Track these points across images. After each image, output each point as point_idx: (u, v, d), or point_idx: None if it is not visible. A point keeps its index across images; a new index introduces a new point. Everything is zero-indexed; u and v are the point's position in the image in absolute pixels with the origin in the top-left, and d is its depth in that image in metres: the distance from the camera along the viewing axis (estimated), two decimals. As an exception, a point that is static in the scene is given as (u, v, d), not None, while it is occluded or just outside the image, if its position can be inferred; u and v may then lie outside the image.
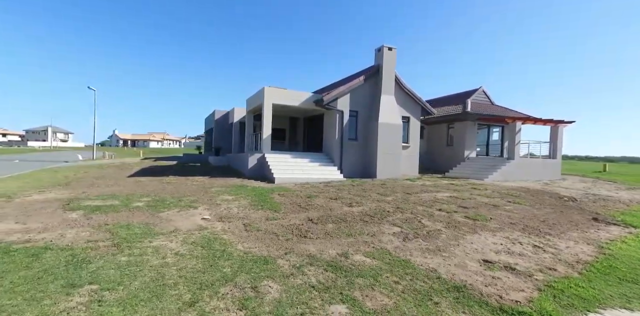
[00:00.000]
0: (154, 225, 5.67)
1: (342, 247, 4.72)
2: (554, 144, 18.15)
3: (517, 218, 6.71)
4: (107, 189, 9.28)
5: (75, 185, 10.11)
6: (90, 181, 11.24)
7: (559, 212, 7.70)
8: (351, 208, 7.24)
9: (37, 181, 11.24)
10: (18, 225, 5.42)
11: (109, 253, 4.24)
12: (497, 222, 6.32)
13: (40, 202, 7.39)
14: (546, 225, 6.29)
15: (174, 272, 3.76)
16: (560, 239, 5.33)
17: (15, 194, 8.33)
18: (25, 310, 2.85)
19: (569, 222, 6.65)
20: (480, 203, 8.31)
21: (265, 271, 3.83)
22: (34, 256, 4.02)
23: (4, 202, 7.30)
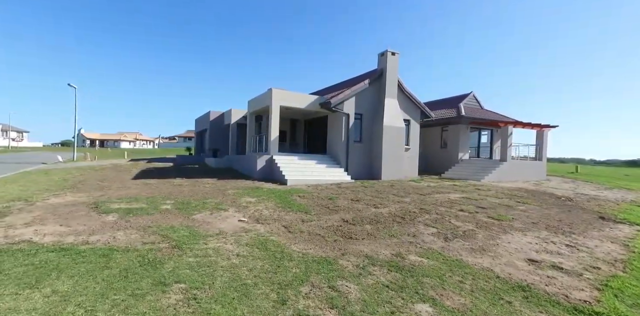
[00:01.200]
0: (196, 227, 5.64)
1: (392, 248, 4.88)
2: (539, 147, 19.16)
3: (536, 218, 7.13)
4: (121, 192, 9.01)
5: (84, 188, 9.74)
6: (95, 184, 10.84)
7: (566, 211, 8.22)
8: (377, 210, 7.43)
9: (35, 184, 10.71)
10: (63, 227, 5.33)
11: (174, 254, 4.28)
12: (520, 222, 6.68)
13: (64, 205, 7.16)
14: (565, 224, 6.71)
15: (246, 272, 3.82)
16: (585, 238, 5.72)
17: (30, 197, 8.02)
18: (138, 305, 2.99)
19: (581, 221, 7.13)
20: (494, 203, 8.73)
21: (334, 272, 3.94)
22: (106, 257, 4.08)
23: (28, 205, 7.05)
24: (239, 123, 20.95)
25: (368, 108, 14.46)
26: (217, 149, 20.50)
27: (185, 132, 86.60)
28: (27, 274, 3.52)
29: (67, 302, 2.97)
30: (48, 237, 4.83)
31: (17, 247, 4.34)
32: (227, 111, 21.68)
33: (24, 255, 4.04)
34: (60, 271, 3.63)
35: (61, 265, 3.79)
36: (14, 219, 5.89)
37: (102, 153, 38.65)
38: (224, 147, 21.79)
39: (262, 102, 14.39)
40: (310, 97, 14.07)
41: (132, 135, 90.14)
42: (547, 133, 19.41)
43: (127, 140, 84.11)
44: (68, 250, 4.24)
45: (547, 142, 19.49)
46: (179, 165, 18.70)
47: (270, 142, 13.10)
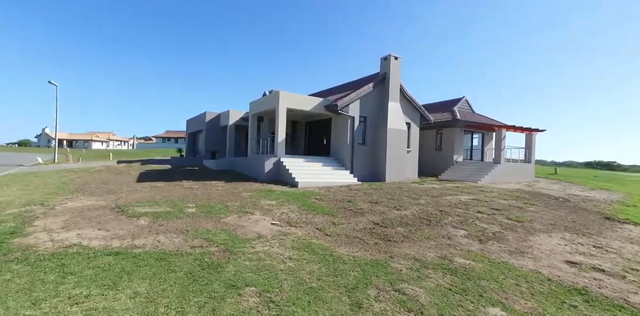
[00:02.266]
0: (232, 230, 5.59)
1: (434, 250, 4.99)
2: (529, 150, 19.96)
3: (550, 219, 7.44)
4: (135, 195, 8.74)
5: (93, 191, 9.39)
6: (101, 187, 10.45)
7: (572, 212, 8.63)
8: (400, 212, 7.55)
9: (34, 187, 10.21)
10: (103, 231, 5.23)
11: (229, 258, 4.27)
12: (539, 223, 6.97)
13: (87, 209, 6.95)
14: (579, 225, 7.04)
15: (308, 276, 3.84)
16: (605, 239, 6.02)
17: (45, 201, 7.71)
18: (222, 307, 3.04)
19: (591, 222, 7.50)
20: (504, 205, 9.05)
21: (391, 275, 4.00)
22: (164, 260, 4.08)
23: (49, 210, 6.82)
24: (237, 125, 20.71)
25: (371, 111, 14.65)
26: (215, 151, 20.15)
27: (164, 133, 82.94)
28: (100, 276, 3.56)
29: (155, 303, 3.02)
30: (94, 241, 4.77)
31: (72, 251, 4.32)
32: (225, 112, 21.37)
33: (84, 259, 4.04)
34: (128, 274, 3.65)
35: (126, 268, 3.81)
36: (46, 223, 5.73)
37: (78, 155, 37.09)
38: (220, 148, 21.46)
39: (267, 104, 14.30)
40: (315, 100, 14.11)
41: (104, 135, 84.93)
42: (535, 136, 20.26)
43: (100, 141, 78.86)
44: (124, 254, 4.24)
45: (536, 146, 20.33)
46: (177, 167, 18.25)
47: (278, 144, 13.04)
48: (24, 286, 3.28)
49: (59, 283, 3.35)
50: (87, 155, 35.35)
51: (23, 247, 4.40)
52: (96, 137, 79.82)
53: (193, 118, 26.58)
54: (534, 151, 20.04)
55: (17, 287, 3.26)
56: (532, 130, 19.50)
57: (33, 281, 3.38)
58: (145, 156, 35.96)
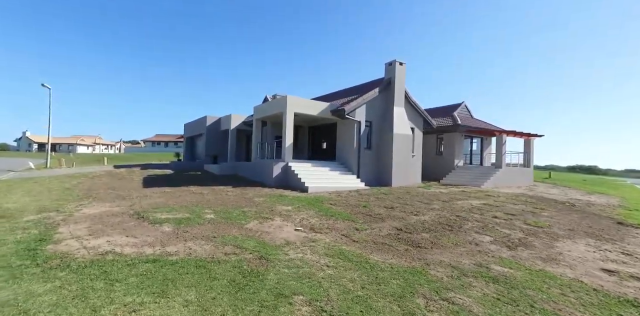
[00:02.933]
0: (258, 237, 5.49)
1: (468, 257, 4.92)
2: (527, 155, 20.25)
3: (567, 224, 7.49)
4: (148, 201, 8.55)
5: (104, 197, 9.15)
6: (110, 192, 10.20)
7: (584, 217, 8.71)
8: (419, 217, 7.52)
9: (38, 193, 9.91)
10: (131, 238, 5.10)
11: (266, 265, 4.19)
12: (558, 229, 6.99)
13: (106, 215, 6.79)
14: (597, 230, 7.08)
15: (350, 284, 3.78)
16: (629, 245, 6.03)
17: (59, 208, 7.51)
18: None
19: (607, 227, 7.56)
20: (516, 210, 9.09)
21: (434, 283, 3.92)
22: (203, 268, 4.00)
23: (67, 216, 6.64)
24: (239, 129, 20.55)
25: (377, 116, 14.70)
26: (217, 155, 19.92)
27: (154, 136, 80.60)
28: (145, 283, 3.50)
29: (210, 312, 2.97)
30: (126, 248, 4.66)
31: (109, 258, 4.23)
32: (226, 116, 21.19)
33: (124, 266, 3.96)
34: (172, 281, 3.59)
35: (168, 275, 3.73)
36: (70, 230, 5.58)
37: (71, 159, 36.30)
38: (221, 153, 21.24)
39: (274, 108, 14.23)
40: (322, 104, 14.10)
41: (90, 139, 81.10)
42: (533, 141, 20.57)
43: (85, 145, 75.45)
44: (161, 261, 4.15)
45: (534, 150, 20.61)
46: (179, 172, 17.95)
47: (285, 149, 12.95)
48: (77, 293, 3.25)
49: (109, 291, 3.30)
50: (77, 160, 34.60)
51: (59, 255, 4.32)
52: (81, 140, 75.83)
53: (192, 122, 26.29)
54: (532, 156, 20.35)
55: (72, 294, 3.22)
56: (531, 135, 19.80)
57: (84, 289, 3.34)
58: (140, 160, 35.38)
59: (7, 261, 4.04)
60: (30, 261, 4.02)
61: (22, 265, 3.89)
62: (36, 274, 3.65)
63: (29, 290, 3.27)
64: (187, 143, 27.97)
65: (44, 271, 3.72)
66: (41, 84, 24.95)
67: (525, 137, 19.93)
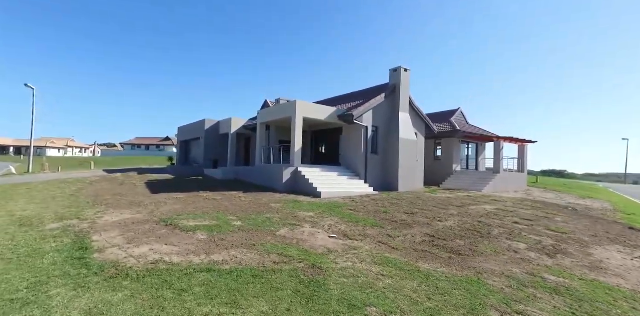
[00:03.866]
0: (296, 244, 5.37)
1: (514, 265, 4.82)
2: (521, 160, 20.76)
3: (587, 231, 7.57)
4: (165, 208, 8.26)
5: (116, 204, 8.75)
6: (119, 199, 9.74)
7: (595, 222, 8.89)
8: (444, 223, 7.48)
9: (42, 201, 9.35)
10: (170, 247, 4.89)
11: (322, 274, 4.07)
12: (582, 235, 7.04)
13: (131, 223, 6.50)
14: (616, 236, 7.18)
15: (414, 294, 3.69)
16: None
17: (80, 215, 7.18)
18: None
19: (623, 232, 7.71)
20: (531, 215, 9.18)
21: (497, 294, 3.78)
22: (260, 278, 3.89)
23: (92, 224, 6.35)
24: (239, 134, 20.21)
25: (383, 121, 14.73)
26: (217, 160, 19.48)
27: (134, 139, 76.99)
28: (212, 294, 3.38)
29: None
30: (173, 256, 4.50)
31: (163, 267, 4.09)
32: (226, 120, 20.81)
33: (183, 275, 3.83)
34: (238, 291, 3.48)
35: (230, 285, 3.64)
36: (105, 239, 5.37)
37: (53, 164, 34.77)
38: (221, 157, 20.78)
39: (282, 113, 14.05)
40: (329, 109, 14.02)
41: (61, 141, 73.82)
42: (527, 147, 21.13)
43: (56, 147, 68.35)
44: (216, 271, 4.02)
45: (527, 156, 21.15)
46: (179, 176, 17.39)
47: (295, 154, 12.76)
48: (152, 302, 3.17)
49: (181, 301, 3.21)
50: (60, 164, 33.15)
51: (110, 263, 4.18)
52: (52, 143, 68.32)
53: (188, 126, 25.63)
54: (526, 161, 20.86)
55: (148, 304, 3.15)
56: (525, 141, 20.31)
57: (156, 298, 3.26)
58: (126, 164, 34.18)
59: (63, 270, 3.95)
60: (86, 270, 3.92)
61: (81, 274, 3.81)
62: (100, 283, 3.57)
63: (103, 299, 3.20)
64: (181, 147, 27.25)
65: (106, 281, 3.63)
66: (25, 84, 23.87)
67: (520, 143, 20.42)
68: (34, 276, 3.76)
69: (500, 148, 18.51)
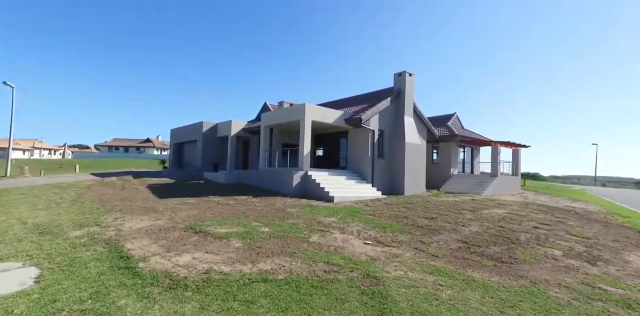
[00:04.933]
0: (335, 251, 5.18)
1: (562, 274, 4.65)
2: (515, 164, 21.19)
3: (606, 235, 7.60)
4: (182, 213, 7.89)
5: (129, 210, 8.28)
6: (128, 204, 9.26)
7: (606, 226, 8.99)
8: (469, 228, 7.38)
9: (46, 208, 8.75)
10: (212, 255, 4.64)
11: (380, 284, 3.88)
12: (605, 240, 7.05)
13: (157, 230, 6.16)
14: (636, 241, 7.29)
15: (484, 307, 3.52)
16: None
17: (99, 222, 6.80)
18: None
19: (638, 236, 7.87)
20: (543, 219, 9.24)
21: (568, 308, 3.61)
22: (319, 288, 3.71)
23: (117, 231, 5.99)
24: (238, 136, 19.77)
25: (388, 125, 14.69)
26: (217, 163, 18.96)
27: (111, 141, 72.28)
28: (281, 306, 3.24)
29: None
30: (220, 265, 4.28)
31: (216, 277, 3.88)
32: (225, 122, 20.32)
33: (241, 286, 3.65)
34: (305, 303, 3.31)
35: (293, 296, 3.49)
36: (140, 246, 5.07)
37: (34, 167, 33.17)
38: (220, 160, 20.23)
39: (289, 116, 13.80)
40: (336, 112, 13.87)
41: (27, 143, 67.70)
42: (520, 151, 21.60)
43: (21, 149, 62.20)
44: (272, 281, 3.84)
45: (521, 160, 21.61)
46: (179, 180, 16.77)
47: (303, 157, 12.52)
48: (230, 314, 3.02)
49: (254, 313, 3.06)
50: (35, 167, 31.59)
51: (160, 273, 3.95)
52: (16, 144, 60.32)
53: (182, 128, 24.84)
54: (520, 165, 21.31)
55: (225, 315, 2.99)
56: (520, 145, 20.76)
57: (227, 310, 3.10)
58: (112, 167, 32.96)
59: (116, 279, 3.73)
60: (140, 280, 3.71)
61: (136, 284, 3.59)
62: (163, 294, 3.37)
63: (175, 311, 3.07)
64: (174, 150, 26.37)
65: (167, 291, 3.42)
66: (3, 82, 22.65)
67: (514, 147, 20.85)
68: (89, 286, 3.55)
69: (498, 153, 18.83)
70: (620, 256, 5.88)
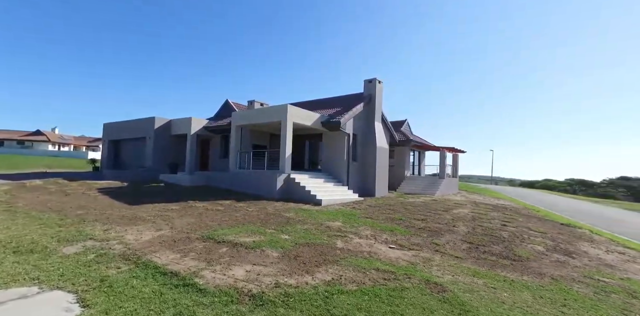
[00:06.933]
0: (372, 257, 5.19)
1: (564, 270, 5.34)
2: (454, 167, 23.77)
3: (550, 229, 9.02)
4: (182, 221, 7.02)
5: (108, 221, 6.94)
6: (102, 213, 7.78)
7: (540, 221, 10.60)
8: (460, 229, 8.02)
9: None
10: (261, 267, 4.38)
11: (443, 290, 3.99)
12: (554, 233, 8.36)
13: (173, 241, 5.42)
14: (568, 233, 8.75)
15: (544, 307, 3.80)
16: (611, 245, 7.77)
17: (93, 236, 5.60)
18: None
19: (568, 229, 9.39)
20: (502, 217, 10.49)
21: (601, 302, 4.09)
22: (400, 298, 3.66)
23: (123, 245, 5.09)
24: (199, 135, 18.18)
25: (360, 129, 15.11)
26: (177, 164, 17.11)
27: None
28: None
29: None
30: (282, 278, 4.03)
31: (291, 291, 3.67)
32: (183, 119, 18.47)
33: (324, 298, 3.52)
34: (401, 315, 3.25)
35: (383, 307, 3.37)
36: (173, 260, 4.46)
37: None
38: (176, 160, 18.22)
39: (269, 116, 13.20)
40: (315, 115, 13.74)
41: None
42: (458, 156, 24.28)
43: None
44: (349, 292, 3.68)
45: (459, 163, 24.27)
46: (136, 183, 14.64)
47: (285, 160, 12.11)
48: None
49: None
50: None
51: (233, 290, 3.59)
52: None
53: (123, 123, 21.52)
54: (458, 168, 23.92)
55: None
56: (459, 151, 23.35)
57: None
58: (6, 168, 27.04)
59: (187, 298, 3.32)
60: (215, 298, 3.35)
61: (216, 302, 3.26)
62: (255, 312, 3.11)
63: None
64: (109, 148, 22.56)
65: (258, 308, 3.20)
66: None
67: (454, 152, 23.36)
68: (163, 307, 3.09)
69: (444, 157, 20.87)
70: (578, 248, 7.06)
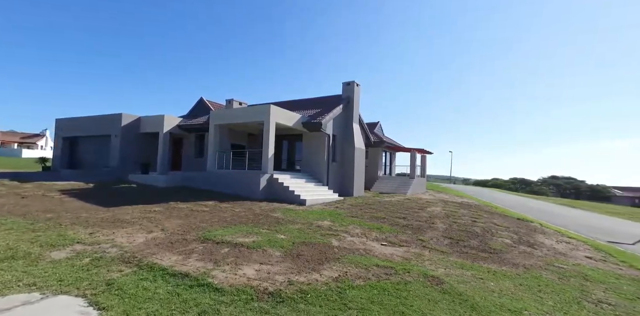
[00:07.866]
0: (368, 254, 5.46)
1: (530, 259, 6.13)
2: (422, 167, 25.04)
3: (510, 224, 9.91)
4: (172, 223, 6.78)
5: (89, 224, 6.48)
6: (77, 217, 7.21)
7: (500, 216, 11.60)
8: (438, 225, 8.57)
9: None
10: (268, 266, 4.43)
11: (441, 283, 4.28)
12: (514, 227, 9.29)
13: (169, 242, 5.23)
14: (525, 226, 9.82)
15: (533, 295, 4.27)
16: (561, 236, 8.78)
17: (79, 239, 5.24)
18: None
19: (523, 224, 10.50)
20: (470, 214, 11.32)
21: (564, 285, 4.78)
22: (405, 291, 3.88)
23: (118, 248, 4.89)
24: (172, 133, 17.37)
25: (339, 130, 15.42)
26: (148, 164, 16.18)
27: None
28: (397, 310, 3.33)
29: None
30: (292, 276, 4.12)
31: (305, 288, 3.72)
32: (154, 117, 17.52)
33: (338, 294, 3.63)
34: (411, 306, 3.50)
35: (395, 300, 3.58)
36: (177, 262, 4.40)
37: None
38: (146, 160, 17.20)
39: (249, 116, 13.02)
40: (296, 116, 13.79)
41: None
42: (426, 157, 25.61)
43: None
44: (360, 288, 3.85)
45: (426, 164, 25.58)
46: (102, 184, 13.64)
47: (268, 160, 12.03)
48: None
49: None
50: None
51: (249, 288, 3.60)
52: None
53: (82, 119, 19.77)
54: (426, 168, 25.22)
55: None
56: (426, 152, 24.61)
57: None
58: None
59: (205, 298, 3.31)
60: (234, 296, 3.39)
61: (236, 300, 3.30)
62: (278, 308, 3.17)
63: None
64: (63, 146, 20.62)
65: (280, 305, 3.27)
66: None
67: (422, 153, 24.59)
68: (184, 307, 3.09)
69: (415, 158, 21.90)
70: (537, 240, 7.91)
